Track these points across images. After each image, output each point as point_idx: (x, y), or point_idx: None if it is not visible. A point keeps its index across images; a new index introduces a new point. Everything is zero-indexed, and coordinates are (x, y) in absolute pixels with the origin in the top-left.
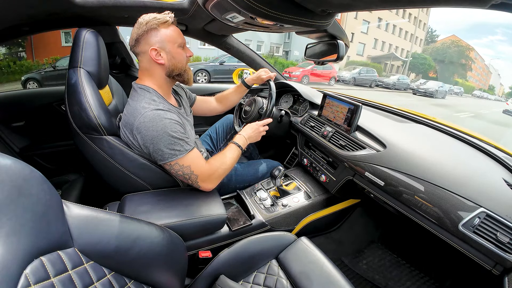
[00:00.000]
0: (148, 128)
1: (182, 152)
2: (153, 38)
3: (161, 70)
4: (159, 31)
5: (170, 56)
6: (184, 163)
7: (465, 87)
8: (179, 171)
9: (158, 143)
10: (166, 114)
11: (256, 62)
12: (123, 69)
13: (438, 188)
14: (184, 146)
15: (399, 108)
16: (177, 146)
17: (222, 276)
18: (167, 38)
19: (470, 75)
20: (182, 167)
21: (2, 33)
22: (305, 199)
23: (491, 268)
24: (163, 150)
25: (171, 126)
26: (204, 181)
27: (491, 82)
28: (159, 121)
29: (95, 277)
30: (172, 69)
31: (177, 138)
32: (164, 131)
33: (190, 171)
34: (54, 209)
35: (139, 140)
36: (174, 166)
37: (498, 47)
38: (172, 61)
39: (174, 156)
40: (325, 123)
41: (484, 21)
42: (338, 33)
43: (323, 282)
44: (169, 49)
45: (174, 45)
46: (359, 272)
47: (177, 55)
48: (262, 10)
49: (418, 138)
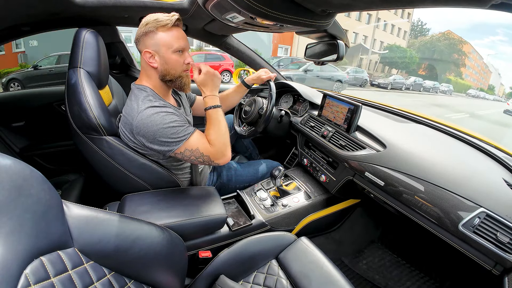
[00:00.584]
0: (147, 125)
1: (186, 136)
2: (149, 40)
3: (155, 73)
4: (156, 34)
5: (163, 61)
6: (192, 147)
7: (459, 85)
8: (191, 156)
9: (160, 136)
10: (161, 109)
11: (256, 62)
12: (123, 69)
13: (438, 188)
14: (186, 130)
15: (399, 108)
16: (179, 133)
17: (222, 276)
18: (162, 42)
19: (466, 72)
20: (192, 151)
21: (2, 33)
22: (305, 199)
23: (491, 268)
24: (168, 141)
25: (168, 117)
26: (217, 157)
27: (491, 82)
28: (155, 116)
29: (95, 277)
30: (164, 74)
31: (177, 126)
32: (163, 123)
33: (201, 153)
34: (54, 209)
35: (142, 140)
36: (185, 153)
37: (499, 48)
38: (164, 66)
39: (180, 142)
40: (325, 123)
41: (485, 21)
42: (338, 33)
43: (323, 282)
44: (162, 53)
45: (169, 50)
46: (359, 272)
47: (170, 60)
48: (262, 10)
49: (418, 138)
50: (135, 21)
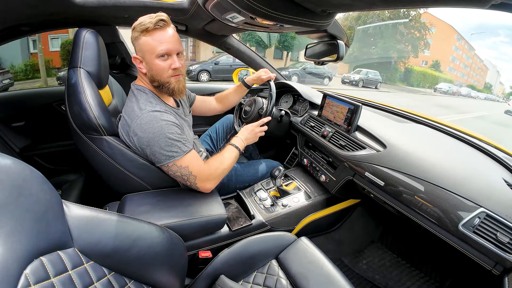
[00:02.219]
0: (144, 130)
1: (180, 154)
2: (136, 46)
3: (146, 78)
4: (139, 39)
5: (149, 67)
6: (182, 164)
7: (419, 75)
8: (177, 172)
9: (154, 145)
10: (163, 115)
11: (256, 62)
12: (123, 69)
13: (438, 188)
14: (181, 147)
15: (399, 108)
16: (174, 147)
17: (222, 276)
18: (145, 48)
19: (451, 65)
20: (180, 168)
21: (2, 33)
22: (305, 199)
23: (491, 268)
24: (160, 152)
25: (168, 127)
26: (203, 181)
27: (488, 80)
28: (155, 123)
29: (95, 277)
30: (151, 80)
31: (174, 139)
32: (161, 133)
33: (189, 172)
34: (54, 209)
35: (136, 142)
36: (172, 168)
37: (500, 48)
38: (150, 72)
39: (172, 158)
40: (325, 123)
41: (487, 22)
42: (338, 33)
43: (323, 282)
44: (147, 59)
45: (152, 55)
46: (359, 272)
47: (154, 66)
48: (262, 10)
49: (418, 138)
50: (135, 21)
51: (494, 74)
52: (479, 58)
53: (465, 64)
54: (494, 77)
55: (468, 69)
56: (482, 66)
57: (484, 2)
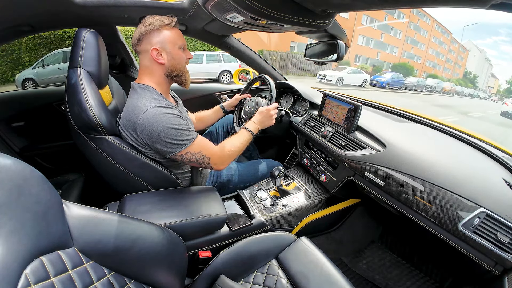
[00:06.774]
0: (152, 125)
1: (190, 141)
2: (155, 38)
3: (161, 70)
4: (161, 32)
5: (170, 57)
6: (194, 150)
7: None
8: (192, 158)
9: (164, 137)
10: (168, 110)
11: (256, 62)
12: (123, 69)
13: (438, 188)
14: (189, 135)
15: (399, 108)
16: (183, 136)
17: (222, 276)
18: (168, 39)
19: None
20: (194, 154)
21: (2, 33)
22: (305, 199)
23: (491, 268)
24: (172, 143)
25: (174, 119)
26: (216, 162)
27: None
28: (162, 116)
29: (95, 277)
30: (171, 70)
31: (181, 129)
32: (168, 125)
33: (203, 156)
34: (54, 209)
35: (146, 138)
36: (186, 155)
37: (501, 48)
38: (171, 61)
39: (183, 146)
40: (325, 123)
41: (488, 21)
42: (338, 33)
43: (323, 282)
44: (169, 49)
45: (175, 46)
46: (359, 272)
47: (176, 56)
48: (262, 10)
49: (418, 138)
50: (135, 21)
51: (481, 60)
52: (459, 43)
53: (438, 51)
54: (481, 65)
55: (443, 58)
56: (465, 56)
57: (484, 2)
